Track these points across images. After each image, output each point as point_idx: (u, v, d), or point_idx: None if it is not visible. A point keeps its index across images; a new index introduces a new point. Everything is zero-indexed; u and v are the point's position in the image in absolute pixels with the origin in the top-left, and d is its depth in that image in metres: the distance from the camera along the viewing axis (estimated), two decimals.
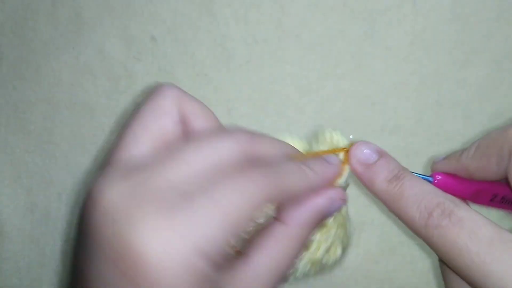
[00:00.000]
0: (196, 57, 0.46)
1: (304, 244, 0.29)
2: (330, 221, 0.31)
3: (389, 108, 0.45)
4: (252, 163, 0.26)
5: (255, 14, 0.46)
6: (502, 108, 0.45)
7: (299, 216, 0.29)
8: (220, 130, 0.29)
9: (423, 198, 0.29)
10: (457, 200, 0.29)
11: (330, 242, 0.31)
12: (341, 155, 0.33)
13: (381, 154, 0.32)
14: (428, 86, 0.45)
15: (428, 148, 0.45)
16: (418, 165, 0.45)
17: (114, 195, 0.23)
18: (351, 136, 0.47)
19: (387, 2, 0.45)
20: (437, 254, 0.29)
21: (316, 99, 0.46)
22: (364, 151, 0.32)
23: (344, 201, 0.31)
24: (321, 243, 0.31)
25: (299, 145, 0.34)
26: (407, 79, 0.45)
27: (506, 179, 0.30)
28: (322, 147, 0.34)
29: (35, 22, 0.48)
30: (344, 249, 0.32)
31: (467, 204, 0.32)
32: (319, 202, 0.29)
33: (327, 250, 0.31)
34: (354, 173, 0.33)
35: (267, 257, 0.27)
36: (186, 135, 0.28)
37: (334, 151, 0.33)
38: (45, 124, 0.48)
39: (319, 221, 0.29)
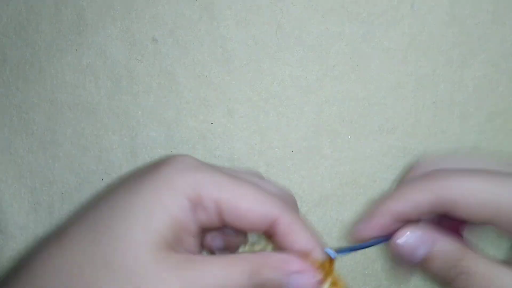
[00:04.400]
0: (197, 59, 0.47)
1: None
2: None
3: (386, 109, 0.46)
4: None
5: (255, 16, 0.46)
6: (498, 109, 0.45)
7: (262, 264, 0.30)
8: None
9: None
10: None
11: None
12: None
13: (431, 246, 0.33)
14: (425, 87, 0.45)
15: (426, 149, 0.46)
16: None
17: None
18: (349, 137, 0.47)
19: (385, 4, 0.45)
20: None
21: (315, 100, 0.46)
22: (415, 244, 0.33)
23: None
24: None
25: None
26: (404, 80, 0.46)
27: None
28: None
29: (38, 24, 0.48)
30: None
31: None
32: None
33: None
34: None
35: (213, 268, 0.30)
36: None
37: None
38: (48, 125, 0.49)
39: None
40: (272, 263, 0.31)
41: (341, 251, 0.34)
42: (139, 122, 0.48)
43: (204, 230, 0.33)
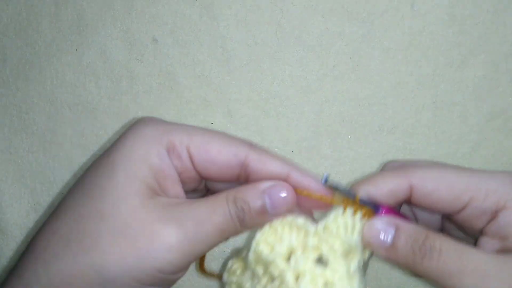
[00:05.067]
0: (197, 59, 0.47)
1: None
2: None
3: (387, 109, 0.46)
4: None
5: (255, 16, 0.46)
6: (498, 108, 0.45)
7: (242, 190, 0.33)
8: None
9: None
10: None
11: None
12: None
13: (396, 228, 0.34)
14: (426, 87, 0.46)
15: (425, 148, 0.46)
16: None
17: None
18: (349, 136, 0.47)
19: (385, 4, 0.45)
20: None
21: (315, 99, 0.46)
22: (382, 232, 0.34)
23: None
24: None
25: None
26: (404, 80, 0.46)
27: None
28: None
29: (38, 24, 0.48)
30: None
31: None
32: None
33: None
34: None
35: (202, 205, 0.32)
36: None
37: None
38: (48, 124, 0.49)
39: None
40: (246, 187, 0.33)
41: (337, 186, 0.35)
42: None
43: (185, 183, 0.34)
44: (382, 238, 0.33)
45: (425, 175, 0.34)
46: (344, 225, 0.33)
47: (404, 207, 0.38)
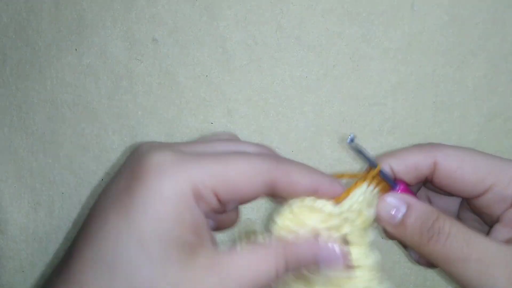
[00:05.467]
0: (197, 59, 0.47)
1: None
2: None
3: (387, 109, 0.46)
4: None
5: (255, 16, 0.46)
6: (498, 108, 0.45)
7: (294, 249, 0.31)
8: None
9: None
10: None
11: None
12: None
13: (407, 206, 0.33)
14: (426, 87, 0.46)
15: None
16: None
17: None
18: (349, 136, 0.47)
19: (385, 4, 0.45)
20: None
21: (315, 100, 0.46)
22: (393, 207, 0.34)
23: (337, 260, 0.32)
24: None
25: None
26: (404, 80, 0.46)
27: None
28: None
29: (38, 24, 0.48)
30: None
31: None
32: (315, 249, 0.31)
33: None
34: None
35: (248, 262, 0.29)
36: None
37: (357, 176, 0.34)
38: (48, 125, 0.49)
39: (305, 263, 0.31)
40: (299, 250, 0.31)
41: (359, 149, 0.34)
42: (139, 122, 0.48)
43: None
44: (393, 214, 0.33)
45: (450, 152, 0.34)
46: (366, 202, 0.33)
47: (421, 194, 0.38)
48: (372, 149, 0.46)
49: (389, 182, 0.34)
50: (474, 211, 0.36)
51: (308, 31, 0.46)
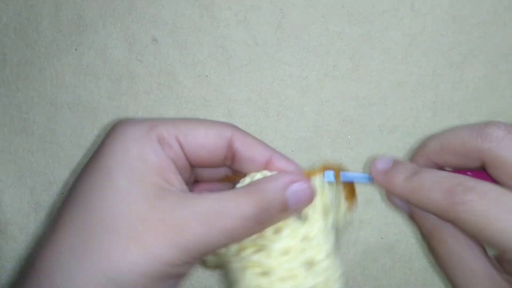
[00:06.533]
0: (197, 59, 0.47)
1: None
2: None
3: (387, 109, 0.46)
4: None
5: (255, 16, 0.46)
6: (498, 109, 0.45)
7: (263, 191, 0.31)
8: None
9: (442, 182, 0.30)
10: (474, 178, 0.30)
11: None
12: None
13: (395, 161, 0.35)
14: (426, 87, 0.46)
15: None
16: None
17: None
18: (349, 136, 0.47)
19: (385, 4, 0.45)
20: (465, 230, 0.30)
21: (315, 99, 0.46)
22: (380, 161, 0.35)
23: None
24: None
25: None
26: (404, 80, 0.46)
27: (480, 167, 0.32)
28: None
29: (38, 24, 0.48)
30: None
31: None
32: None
33: None
34: (377, 184, 0.34)
35: (216, 200, 0.30)
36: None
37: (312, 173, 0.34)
38: (48, 125, 0.49)
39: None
40: (265, 182, 0.32)
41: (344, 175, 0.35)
42: None
43: (183, 174, 0.34)
44: (383, 165, 0.34)
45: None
46: (324, 185, 0.34)
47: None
48: (372, 149, 0.46)
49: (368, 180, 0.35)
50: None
51: (308, 31, 0.46)
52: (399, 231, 0.46)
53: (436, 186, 0.30)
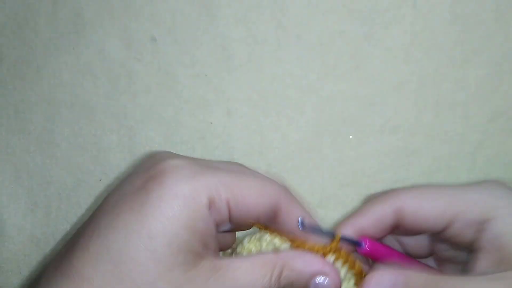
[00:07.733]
0: (196, 58, 0.47)
1: None
2: None
3: (388, 108, 0.46)
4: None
5: (255, 14, 0.46)
6: (501, 108, 0.45)
7: (291, 261, 0.31)
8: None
9: None
10: None
11: None
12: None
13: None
14: (428, 87, 0.45)
15: (428, 148, 0.46)
16: (417, 165, 0.46)
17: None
18: (350, 136, 0.47)
19: (387, 2, 0.45)
20: None
21: (315, 99, 0.46)
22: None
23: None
24: None
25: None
26: (406, 79, 0.45)
27: None
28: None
29: (35, 22, 0.48)
30: None
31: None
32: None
33: None
34: None
35: (246, 268, 0.31)
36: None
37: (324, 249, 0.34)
38: (46, 125, 0.49)
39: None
40: (295, 265, 0.31)
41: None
42: (138, 122, 0.48)
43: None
44: None
45: (407, 195, 0.34)
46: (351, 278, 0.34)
47: (390, 238, 0.38)
48: (373, 149, 0.46)
49: (353, 243, 0.34)
50: (447, 243, 0.36)
51: (309, 30, 0.46)
52: None
53: None
